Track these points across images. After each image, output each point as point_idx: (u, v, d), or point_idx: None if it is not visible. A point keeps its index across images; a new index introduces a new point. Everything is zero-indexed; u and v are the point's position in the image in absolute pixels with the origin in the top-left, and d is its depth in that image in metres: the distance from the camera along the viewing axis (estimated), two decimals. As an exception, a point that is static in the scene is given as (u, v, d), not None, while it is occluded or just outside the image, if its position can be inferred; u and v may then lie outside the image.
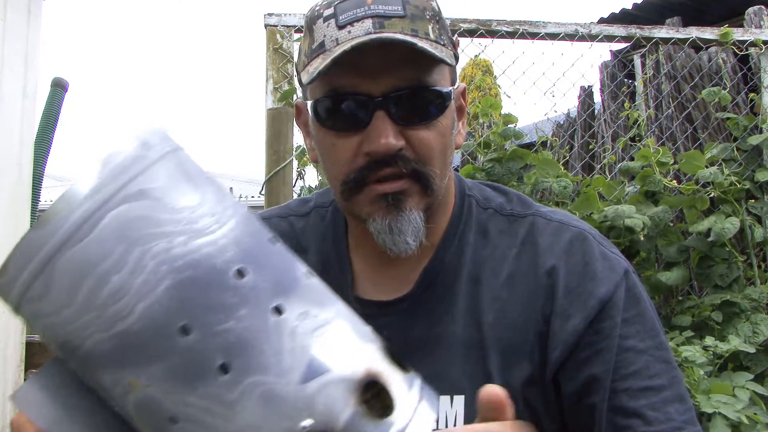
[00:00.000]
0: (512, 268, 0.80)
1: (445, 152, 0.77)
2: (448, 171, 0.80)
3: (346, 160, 0.75)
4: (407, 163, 0.74)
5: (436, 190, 0.77)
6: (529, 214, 0.84)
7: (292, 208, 0.93)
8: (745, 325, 2.12)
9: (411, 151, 0.74)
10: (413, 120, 0.74)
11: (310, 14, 0.76)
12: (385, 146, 0.72)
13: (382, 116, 0.72)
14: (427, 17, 0.74)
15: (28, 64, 3.38)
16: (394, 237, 0.75)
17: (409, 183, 0.75)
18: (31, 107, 3.43)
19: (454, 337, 0.79)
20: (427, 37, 0.72)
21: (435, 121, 0.75)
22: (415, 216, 0.75)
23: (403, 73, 0.72)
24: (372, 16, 0.71)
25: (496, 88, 7.12)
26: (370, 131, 0.73)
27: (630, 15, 3.79)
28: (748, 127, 2.53)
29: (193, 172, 0.46)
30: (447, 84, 0.77)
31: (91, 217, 0.41)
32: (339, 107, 0.74)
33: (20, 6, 3.34)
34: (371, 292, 0.84)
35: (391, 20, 0.71)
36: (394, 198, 0.75)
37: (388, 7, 0.72)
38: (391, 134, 0.72)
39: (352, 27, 0.71)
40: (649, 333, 0.76)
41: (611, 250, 0.82)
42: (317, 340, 0.43)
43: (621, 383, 0.73)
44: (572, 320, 0.75)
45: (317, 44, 0.74)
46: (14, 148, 3.29)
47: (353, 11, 0.71)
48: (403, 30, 0.71)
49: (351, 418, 0.41)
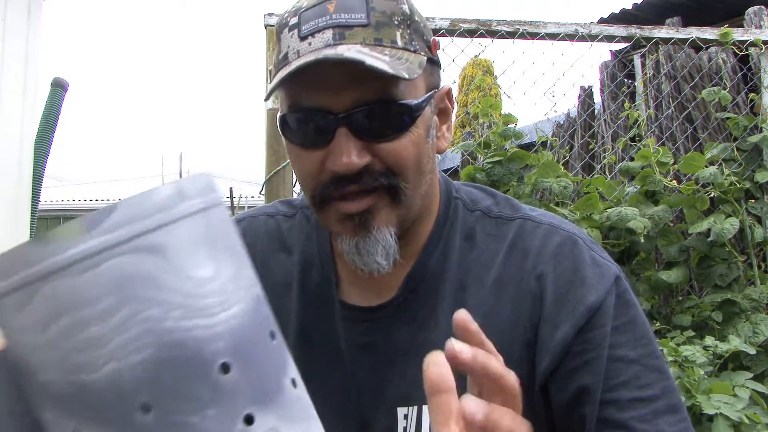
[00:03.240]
0: (499, 273, 0.78)
1: (418, 162, 0.74)
2: (423, 180, 0.76)
3: (312, 175, 0.73)
4: (374, 178, 0.71)
5: (409, 202, 0.74)
6: (518, 217, 0.82)
7: (279, 209, 0.92)
8: (745, 325, 2.12)
9: (380, 163, 0.71)
10: (379, 135, 0.71)
11: (279, 21, 0.75)
12: (347, 165, 0.69)
13: (344, 133, 0.70)
14: (395, 23, 0.71)
15: (28, 64, 3.38)
16: (363, 258, 0.73)
17: (375, 199, 0.72)
18: (31, 107, 3.44)
19: (438, 343, 0.77)
20: (393, 45, 0.70)
21: (405, 133, 0.71)
22: (384, 234, 0.73)
23: (366, 88, 0.69)
24: (333, 26, 0.69)
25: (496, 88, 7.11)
26: (333, 149, 0.70)
27: (630, 15, 3.80)
28: (748, 127, 2.53)
29: (219, 237, 0.42)
30: (419, 93, 0.73)
31: (95, 256, 0.37)
32: (302, 123, 0.72)
33: (20, 6, 3.34)
34: (356, 297, 0.82)
35: (353, 30, 0.69)
36: (361, 218, 0.72)
37: (350, 15, 0.69)
38: (354, 152, 0.69)
39: (313, 38, 0.69)
40: (641, 341, 0.74)
41: (601, 255, 0.79)
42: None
43: (610, 394, 0.71)
44: (561, 329, 0.73)
45: (282, 55, 0.72)
46: (14, 148, 3.29)
47: (315, 21, 0.69)
48: (365, 40, 0.68)
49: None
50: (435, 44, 0.78)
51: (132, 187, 10.72)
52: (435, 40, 0.78)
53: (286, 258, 0.87)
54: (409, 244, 0.79)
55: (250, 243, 0.88)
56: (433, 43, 0.77)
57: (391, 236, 0.73)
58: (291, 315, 0.83)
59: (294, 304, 0.83)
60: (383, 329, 0.80)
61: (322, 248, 0.85)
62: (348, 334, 0.81)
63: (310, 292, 0.84)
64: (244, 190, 5.76)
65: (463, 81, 9.10)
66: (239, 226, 0.91)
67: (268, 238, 0.88)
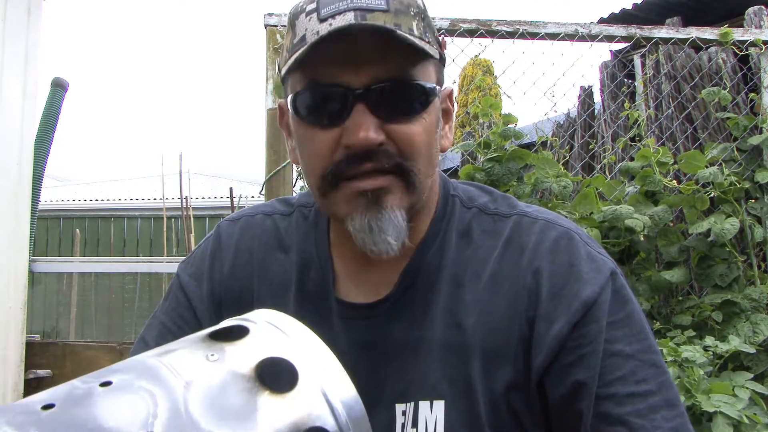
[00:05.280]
0: (495, 269, 0.78)
1: (429, 149, 0.75)
2: (432, 171, 0.77)
3: (325, 154, 0.73)
4: (390, 157, 0.71)
5: (420, 188, 0.74)
6: (514, 214, 0.82)
7: (276, 207, 0.92)
8: (745, 325, 2.12)
9: (393, 145, 0.72)
10: (395, 114, 0.71)
11: (293, 11, 0.75)
12: (365, 140, 0.69)
13: (362, 109, 0.70)
14: (411, 13, 0.72)
15: (28, 64, 3.38)
16: (374, 236, 0.73)
17: (390, 180, 0.72)
18: (31, 107, 3.44)
19: (434, 340, 0.77)
20: (411, 33, 0.71)
21: (418, 116, 0.73)
22: (397, 215, 0.73)
23: (386, 65, 0.70)
24: (354, 9, 0.69)
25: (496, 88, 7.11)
26: (350, 124, 0.70)
27: (630, 15, 3.79)
28: (748, 127, 2.53)
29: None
30: (432, 80, 0.75)
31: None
32: (318, 99, 0.72)
33: (20, 6, 3.34)
34: (353, 294, 0.82)
35: (373, 13, 0.69)
36: (374, 195, 0.72)
37: (371, 0, 0.70)
38: (371, 128, 0.70)
39: (334, 20, 0.69)
40: (637, 336, 0.74)
41: (598, 251, 0.79)
42: None
43: (607, 389, 0.71)
44: (556, 324, 0.73)
45: (299, 38, 0.72)
46: (14, 148, 3.29)
47: (335, 4, 0.70)
48: (386, 23, 0.69)
49: None
50: (444, 43, 0.79)
51: (132, 187, 10.71)
52: (443, 39, 0.78)
53: (284, 257, 0.87)
54: (408, 239, 0.79)
55: (248, 241, 0.88)
56: (441, 42, 0.78)
57: (403, 218, 0.73)
58: (289, 314, 0.83)
59: (292, 304, 0.83)
60: (380, 326, 0.80)
61: (320, 246, 0.85)
62: (346, 331, 0.81)
63: (307, 290, 0.84)
64: (244, 190, 5.76)
65: (463, 81, 9.10)
66: (236, 225, 0.91)
67: (265, 237, 0.88)
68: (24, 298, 3.36)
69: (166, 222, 7.04)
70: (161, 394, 0.42)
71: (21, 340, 3.34)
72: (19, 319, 3.30)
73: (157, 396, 0.42)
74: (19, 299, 3.31)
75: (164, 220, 7.05)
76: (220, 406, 0.43)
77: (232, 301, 0.85)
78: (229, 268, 0.87)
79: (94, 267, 5.67)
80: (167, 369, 0.44)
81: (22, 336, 3.35)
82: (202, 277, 0.88)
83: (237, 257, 0.88)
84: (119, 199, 9.24)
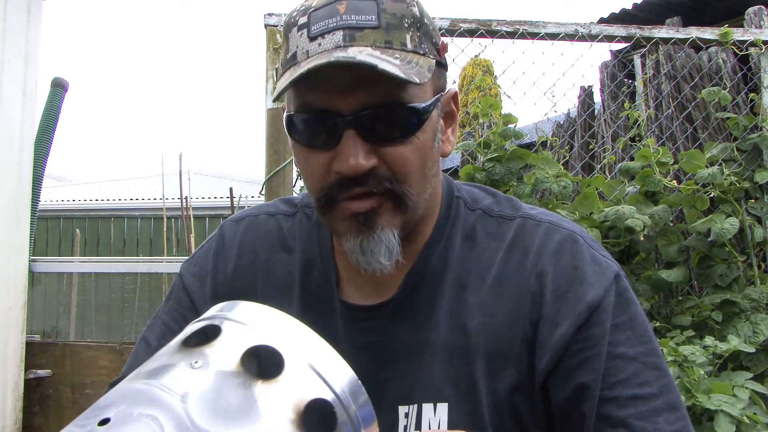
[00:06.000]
0: (499, 272, 0.78)
1: (423, 166, 0.74)
2: (428, 184, 0.77)
3: (318, 176, 0.73)
4: (379, 182, 0.71)
5: (413, 207, 0.74)
6: (518, 216, 0.82)
7: (279, 208, 0.92)
8: (745, 325, 2.12)
9: (386, 168, 0.71)
10: (386, 138, 0.71)
11: (288, 20, 0.74)
12: (354, 167, 0.69)
13: (352, 135, 0.70)
14: (405, 25, 0.71)
15: (28, 64, 3.38)
16: (366, 257, 0.73)
17: (380, 201, 0.72)
18: (31, 107, 3.44)
19: (438, 342, 0.77)
20: (403, 48, 0.70)
21: (411, 138, 0.72)
22: (388, 235, 0.73)
23: (375, 90, 0.69)
24: (344, 27, 0.68)
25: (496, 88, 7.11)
26: (340, 150, 0.70)
27: (630, 15, 3.79)
28: (748, 127, 2.53)
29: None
30: (427, 96, 0.73)
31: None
32: (309, 124, 0.72)
33: (20, 6, 3.34)
34: (356, 296, 0.82)
35: (363, 32, 0.68)
36: (365, 217, 0.72)
37: (361, 17, 0.69)
38: (361, 154, 0.69)
39: (323, 39, 0.69)
40: (640, 339, 0.74)
41: (601, 253, 0.79)
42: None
43: (609, 391, 0.71)
44: (560, 327, 0.74)
45: (290, 55, 0.72)
46: (14, 148, 3.29)
47: (325, 22, 0.69)
48: (375, 42, 0.68)
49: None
50: (444, 47, 0.78)
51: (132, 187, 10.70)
52: (444, 42, 0.78)
53: (288, 258, 0.86)
54: (411, 243, 0.79)
55: (251, 242, 0.88)
56: (441, 46, 0.77)
57: (395, 237, 0.73)
58: (293, 315, 0.83)
59: (295, 305, 0.83)
60: (384, 328, 0.80)
61: (323, 247, 0.85)
62: (349, 333, 0.81)
63: (311, 291, 0.84)
64: (244, 190, 5.75)
65: (463, 81, 9.10)
66: (240, 225, 0.91)
67: (269, 238, 0.88)
68: (24, 298, 3.36)
69: (166, 222, 7.04)
70: (163, 415, 0.42)
71: (21, 340, 3.34)
72: (19, 319, 3.30)
73: (160, 418, 0.42)
74: (19, 299, 3.31)
75: (164, 220, 7.05)
76: (221, 408, 0.43)
77: None
78: (232, 269, 0.87)
79: (94, 267, 5.67)
80: (159, 389, 0.44)
81: (22, 336, 3.35)
82: (205, 277, 0.87)
83: (240, 258, 0.87)
84: (119, 199, 9.24)
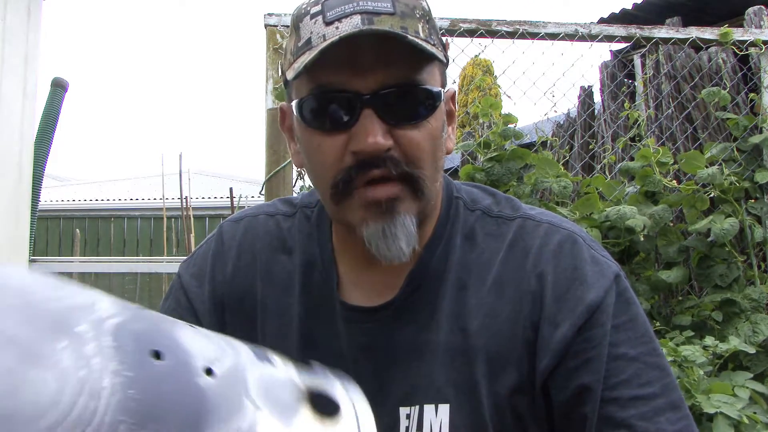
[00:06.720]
0: (499, 272, 0.78)
1: (435, 154, 0.74)
2: (438, 174, 0.77)
3: (333, 161, 0.72)
4: (396, 165, 0.71)
5: (427, 194, 0.74)
6: (518, 217, 0.82)
7: (278, 208, 0.91)
8: (745, 325, 2.12)
9: (399, 152, 0.71)
10: (402, 119, 0.71)
11: (297, 12, 0.74)
12: (373, 146, 0.69)
13: (370, 114, 0.69)
14: (417, 16, 0.71)
15: (28, 64, 3.39)
16: (389, 242, 0.72)
17: (400, 187, 0.72)
18: (31, 107, 3.44)
19: (439, 343, 0.77)
20: (417, 36, 0.70)
21: (424, 122, 0.72)
22: (408, 221, 0.73)
23: (393, 70, 0.70)
24: (361, 12, 0.68)
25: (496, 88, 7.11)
26: (358, 130, 0.70)
27: (630, 15, 3.79)
28: (748, 127, 2.52)
29: None
30: (437, 84, 0.75)
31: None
32: (325, 105, 0.72)
33: (20, 6, 3.34)
34: (356, 297, 0.82)
35: (380, 17, 0.68)
36: (388, 204, 0.72)
37: (377, 3, 0.69)
38: (380, 133, 0.69)
39: (340, 23, 0.68)
40: (641, 339, 0.74)
41: (601, 254, 0.79)
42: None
43: (611, 392, 0.71)
44: (561, 328, 0.73)
45: (303, 41, 0.71)
46: (14, 148, 3.29)
47: (341, 7, 0.69)
48: (393, 27, 0.68)
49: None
50: (447, 45, 0.79)
51: (132, 187, 10.70)
52: (447, 41, 0.78)
53: (287, 259, 0.86)
54: (417, 246, 0.80)
55: (251, 243, 0.88)
56: (445, 44, 0.78)
57: (413, 224, 0.73)
58: (294, 317, 0.83)
59: (296, 306, 0.83)
60: (384, 329, 0.79)
61: (324, 248, 0.85)
62: (349, 334, 0.80)
63: (311, 293, 0.84)
64: (244, 190, 5.75)
65: (463, 81, 9.10)
66: (239, 225, 0.90)
67: (268, 239, 0.88)
68: (24, 298, 3.35)
69: (166, 222, 7.04)
70: (231, 353, 0.49)
71: (21, 340, 3.33)
72: (19, 319, 3.30)
73: (228, 349, 0.49)
74: (19, 299, 3.31)
75: (164, 220, 7.05)
76: (272, 393, 0.49)
77: (235, 302, 0.85)
78: (231, 270, 0.86)
79: (94, 267, 5.68)
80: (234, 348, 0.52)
81: (22, 336, 3.35)
82: (203, 277, 0.87)
83: (240, 258, 0.87)
84: (119, 199, 9.24)
